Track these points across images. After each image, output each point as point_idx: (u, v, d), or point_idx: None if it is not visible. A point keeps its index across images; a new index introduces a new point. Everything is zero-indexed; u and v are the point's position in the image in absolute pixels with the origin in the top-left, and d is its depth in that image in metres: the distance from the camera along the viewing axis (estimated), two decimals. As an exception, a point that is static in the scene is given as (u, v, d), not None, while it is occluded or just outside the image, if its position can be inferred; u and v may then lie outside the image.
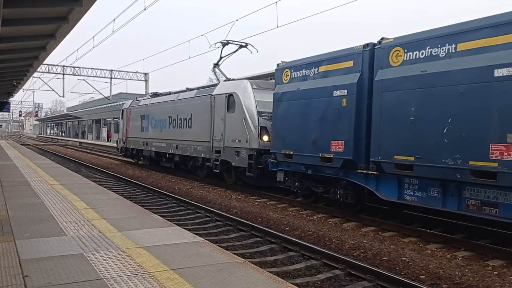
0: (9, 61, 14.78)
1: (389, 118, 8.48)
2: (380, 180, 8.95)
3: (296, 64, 11.22)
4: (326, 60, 10.22)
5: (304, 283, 5.77)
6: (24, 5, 8.13)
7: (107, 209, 7.32)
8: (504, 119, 6.70)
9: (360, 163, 9.21)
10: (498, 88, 6.74)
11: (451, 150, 7.34)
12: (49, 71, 36.93)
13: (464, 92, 7.17)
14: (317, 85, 10.27)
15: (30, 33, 11.01)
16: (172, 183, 16.26)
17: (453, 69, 7.38)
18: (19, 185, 10.01)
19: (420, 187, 8.21)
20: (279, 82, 11.70)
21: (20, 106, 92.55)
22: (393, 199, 8.74)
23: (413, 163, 7.99)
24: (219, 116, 14.87)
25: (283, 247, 7.51)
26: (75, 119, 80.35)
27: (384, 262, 6.84)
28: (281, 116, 11.51)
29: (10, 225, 5.90)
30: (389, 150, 8.45)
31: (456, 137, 7.30)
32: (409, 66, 8.12)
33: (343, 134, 9.49)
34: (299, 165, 10.96)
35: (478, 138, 7.02)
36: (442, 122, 7.48)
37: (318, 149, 10.10)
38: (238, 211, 10.93)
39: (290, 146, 11.07)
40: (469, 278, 6.13)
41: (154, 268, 4.26)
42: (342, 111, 9.53)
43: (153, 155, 20.98)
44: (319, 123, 10.19)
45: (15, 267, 4.15)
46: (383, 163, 8.57)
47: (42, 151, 35.57)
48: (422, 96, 7.85)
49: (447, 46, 7.62)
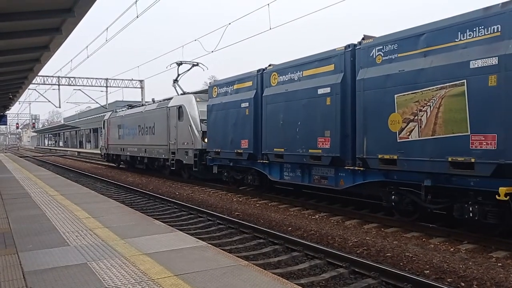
0: (4, 74, 14.76)
1: (268, 124, 12.10)
2: (270, 167, 12.49)
3: (220, 83, 15.00)
4: (237, 80, 13.80)
5: (309, 283, 5.76)
6: (17, 18, 8.10)
7: (109, 218, 7.31)
8: (323, 122, 10.14)
9: (259, 156, 12.70)
10: (319, 102, 10.23)
11: (300, 143, 10.84)
12: (45, 83, 36.86)
13: (305, 104, 10.67)
14: (230, 99, 13.88)
15: (24, 46, 10.98)
16: (173, 189, 16.25)
17: (300, 88, 10.87)
18: (20, 197, 9.99)
19: (290, 170, 11.79)
20: (210, 97, 15.33)
21: (17, 118, 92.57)
22: (278, 179, 12.28)
23: (283, 153, 11.53)
24: (173, 124, 18.44)
25: (286, 247, 7.51)
26: (73, 129, 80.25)
27: (388, 258, 6.84)
28: (212, 123, 15.00)
29: (13, 237, 5.88)
30: (271, 145, 11.97)
31: (302, 134, 10.79)
32: (280, 86, 11.76)
33: (247, 134, 12.98)
34: (225, 160, 14.52)
35: (312, 134, 10.46)
36: (296, 124, 10.98)
37: (234, 147, 13.56)
38: (240, 213, 10.93)
39: (218, 145, 14.56)
40: (473, 270, 6.14)
41: (158, 274, 4.26)
42: (245, 119, 13.04)
43: (128, 158, 24.74)
44: (234, 127, 13.56)
45: (19, 280, 4.13)
46: (269, 155, 12.10)
47: (41, 162, 35.50)
48: (286, 107, 11.31)
49: (298, 73, 11.14)
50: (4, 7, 7.66)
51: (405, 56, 8.29)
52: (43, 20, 8.74)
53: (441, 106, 7.53)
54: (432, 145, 7.68)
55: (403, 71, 8.19)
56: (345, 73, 9.69)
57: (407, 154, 8.11)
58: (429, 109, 7.74)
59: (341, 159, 9.78)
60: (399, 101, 8.28)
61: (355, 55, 9.47)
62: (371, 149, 8.90)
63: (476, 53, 7.03)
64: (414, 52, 8.10)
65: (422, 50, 7.98)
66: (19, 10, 7.95)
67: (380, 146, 8.69)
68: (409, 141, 8.08)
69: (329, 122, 9.95)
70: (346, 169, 9.80)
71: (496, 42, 6.82)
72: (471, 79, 7.05)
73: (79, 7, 8.07)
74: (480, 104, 6.97)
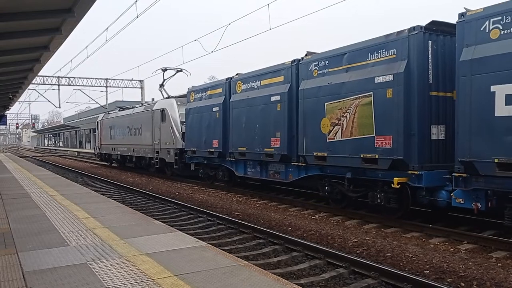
0: (4, 74, 14.74)
1: (233, 126, 13.79)
2: (236, 164, 14.19)
3: (196, 89, 16.63)
4: (210, 87, 15.81)
5: (308, 283, 5.76)
6: (17, 18, 8.09)
7: (108, 218, 7.31)
8: (275, 124, 11.91)
9: (227, 154, 14.44)
10: (272, 108, 12.00)
11: (258, 143, 12.60)
12: (44, 83, 36.89)
13: (261, 109, 12.45)
14: (204, 104, 15.72)
15: (24, 46, 10.96)
16: (173, 189, 16.25)
17: (258, 96, 12.66)
18: (20, 197, 9.99)
19: (252, 166, 13.50)
20: (188, 101, 17.09)
21: (17, 118, 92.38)
22: (242, 175, 14.01)
23: (245, 151, 13.22)
24: (157, 125, 20.19)
25: (286, 247, 7.51)
26: (72, 129, 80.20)
27: (387, 259, 6.84)
28: (189, 125, 16.81)
29: (12, 237, 5.88)
30: (236, 144, 13.65)
31: (260, 135, 12.55)
32: (243, 93, 13.50)
33: (217, 134, 14.75)
34: (200, 158, 16.33)
35: (267, 135, 12.23)
36: (255, 126, 12.72)
37: (207, 146, 15.38)
38: (239, 213, 10.93)
39: (194, 145, 16.33)
40: (473, 270, 6.14)
41: (158, 274, 4.26)
42: (216, 122, 14.80)
43: (119, 157, 26.66)
44: (207, 129, 15.41)
45: (18, 280, 4.14)
46: (235, 153, 13.85)
47: (41, 162, 35.50)
48: (247, 111, 13.09)
49: (257, 82, 12.94)
50: (4, 7, 7.65)
51: (333, 71, 10.07)
52: (43, 20, 8.73)
53: (356, 113, 9.27)
54: (350, 144, 9.44)
55: (331, 84, 9.95)
56: (291, 83, 11.44)
57: (333, 151, 9.92)
58: (348, 115, 9.49)
59: (289, 156, 11.55)
60: (328, 108, 10.04)
61: (299, 68, 11.21)
62: (309, 147, 10.69)
63: (379, 71, 8.79)
64: (339, 68, 9.89)
65: (344, 67, 9.74)
66: (19, 10, 7.94)
67: (315, 145, 10.46)
68: (335, 141, 9.86)
69: (279, 125, 11.76)
70: (293, 165, 11.57)
71: (393, 63, 8.59)
72: (376, 91, 8.81)
73: (79, 7, 8.06)
74: (381, 112, 8.74)
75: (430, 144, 8.49)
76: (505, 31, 6.85)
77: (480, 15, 7.20)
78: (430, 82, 8.44)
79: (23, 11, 8.01)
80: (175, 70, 22.34)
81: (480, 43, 7.14)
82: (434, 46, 8.45)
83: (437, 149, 8.57)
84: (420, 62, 8.30)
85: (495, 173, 6.90)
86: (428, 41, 8.40)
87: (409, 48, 8.35)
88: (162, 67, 22.08)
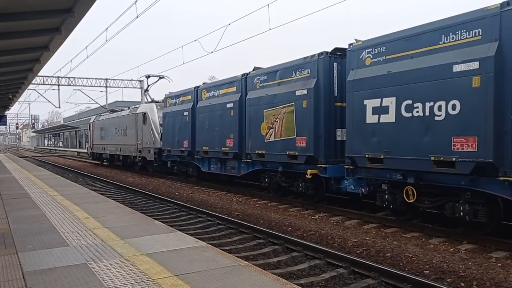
0: (4, 74, 14.74)
1: (199, 129, 16.04)
2: (202, 161, 16.43)
3: (172, 95, 18.88)
4: (182, 94, 17.84)
5: (308, 283, 5.77)
6: (17, 18, 8.08)
7: (108, 218, 7.31)
8: (230, 127, 14.12)
9: (195, 152, 16.56)
10: (227, 113, 14.22)
11: (217, 143, 14.79)
12: (44, 83, 36.89)
13: (220, 114, 14.70)
14: (178, 109, 17.96)
15: (24, 46, 10.96)
16: (172, 189, 16.25)
17: (218, 103, 14.93)
18: (20, 197, 9.99)
19: (214, 163, 15.68)
20: (165, 106, 19.52)
21: (17, 118, 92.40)
22: (207, 170, 16.14)
23: (208, 150, 15.46)
24: (140, 127, 22.45)
25: (286, 248, 7.51)
26: (72, 129, 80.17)
27: (387, 259, 6.85)
28: (165, 127, 19.08)
29: (12, 237, 5.88)
30: (201, 144, 15.91)
31: (219, 136, 14.73)
32: (207, 100, 15.85)
33: (187, 136, 16.91)
34: (174, 156, 18.46)
35: (224, 136, 14.43)
36: (215, 129, 14.95)
37: (180, 146, 17.60)
38: (239, 213, 10.93)
39: (170, 145, 18.55)
40: (473, 270, 6.14)
41: (158, 274, 4.26)
42: (186, 124, 17.06)
43: (108, 156, 29.10)
44: (179, 131, 17.58)
45: (18, 280, 4.13)
46: (200, 152, 16.03)
47: (41, 162, 35.49)
48: (210, 116, 15.26)
49: (217, 91, 15.25)
50: (4, 7, 7.65)
51: (269, 84, 12.34)
52: (43, 20, 8.72)
53: (284, 118, 11.52)
54: (280, 144, 11.67)
55: (268, 95, 12.20)
56: (241, 93, 13.67)
57: (269, 150, 12.14)
58: (279, 120, 11.73)
59: (240, 154, 13.78)
60: (266, 115, 12.27)
61: (247, 81, 13.42)
62: (253, 147, 12.91)
63: (299, 86, 11.05)
64: (274, 82, 12.14)
65: (277, 81, 11.99)
66: (19, 10, 7.93)
67: (257, 144, 12.70)
68: (270, 141, 12.10)
69: (232, 128, 13.98)
70: (243, 161, 13.77)
71: (307, 80, 10.90)
72: (296, 102, 11.06)
73: (79, 7, 8.06)
74: (300, 118, 10.99)
75: (336, 144, 10.70)
76: (375, 59, 8.90)
77: (360, 46, 9.25)
78: (335, 95, 10.64)
79: (23, 11, 8.00)
80: (157, 77, 25.71)
81: (360, 68, 9.20)
82: (339, 67, 10.57)
83: (342, 147, 10.35)
84: (327, 80, 10.51)
85: (367, 165, 9.00)
86: (334, 63, 10.57)
87: (318, 68, 10.60)
88: (146, 74, 25.66)
